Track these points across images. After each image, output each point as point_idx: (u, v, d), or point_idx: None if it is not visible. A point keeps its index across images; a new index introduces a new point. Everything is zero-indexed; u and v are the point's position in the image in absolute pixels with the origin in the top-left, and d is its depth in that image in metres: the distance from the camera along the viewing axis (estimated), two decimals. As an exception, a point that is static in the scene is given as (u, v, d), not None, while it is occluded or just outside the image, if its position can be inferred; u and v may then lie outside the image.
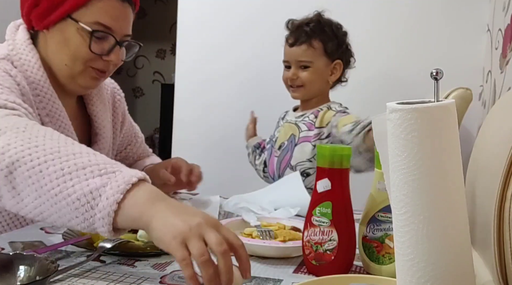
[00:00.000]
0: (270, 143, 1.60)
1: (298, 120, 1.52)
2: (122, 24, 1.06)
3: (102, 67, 1.08)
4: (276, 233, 0.91)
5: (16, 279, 0.66)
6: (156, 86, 5.00)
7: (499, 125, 0.71)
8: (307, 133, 1.48)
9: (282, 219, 1.03)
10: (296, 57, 1.46)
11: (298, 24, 1.48)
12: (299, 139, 1.49)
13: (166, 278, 0.74)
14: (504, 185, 0.60)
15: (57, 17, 1.02)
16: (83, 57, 1.04)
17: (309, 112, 1.51)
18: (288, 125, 1.54)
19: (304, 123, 1.50)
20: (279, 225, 0.97)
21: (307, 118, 1.50)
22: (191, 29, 2.16)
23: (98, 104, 1.18)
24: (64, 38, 1.04)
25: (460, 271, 0.52)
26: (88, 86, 1.10)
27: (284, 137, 1.52)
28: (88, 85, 1.10)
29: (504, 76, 1.37)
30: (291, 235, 0.90)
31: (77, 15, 1.02)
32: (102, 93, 1.20)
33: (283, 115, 1.63)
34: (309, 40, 1.45)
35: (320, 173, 0.79)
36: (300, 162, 1.47)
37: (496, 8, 1.65)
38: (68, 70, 1.06)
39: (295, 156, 1.48)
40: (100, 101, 1.19)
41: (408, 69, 1.89)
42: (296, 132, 1.50)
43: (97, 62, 1.06)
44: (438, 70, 0.54)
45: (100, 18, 1.02)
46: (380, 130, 0.59)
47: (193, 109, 2.17)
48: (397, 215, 0.54)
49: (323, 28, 1.47)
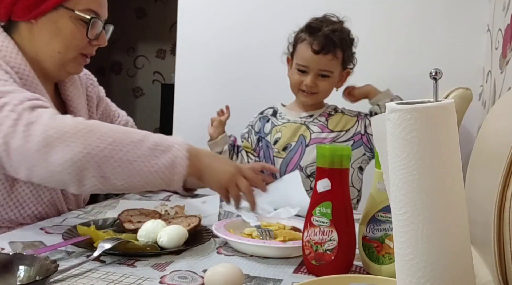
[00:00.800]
0: (263, 143, 1.55)
1: (308, 122, 1.50)
2: (104, 9, 1.14)
3: (91, 52, 1.15)
4: (276, 233, 0.92)
5: (16, 279, 0.66)
6: (156, 86, 5.00)
7: (499, 125, 0.71)
8: (320, 135, 1.47)
9: (282, 219, 1.03)
10: (319, 65, 1.44)
11: (326, 34, 1.43)
12: (311, 140, 1.48)
13: (166, 278, 0.74)
14: (504, 185, 0.60)
15: (48, 7, 1.07)
16: (77, 44, 1.11)
17: (317, 114, 1.51)
18: (293, 126, 1.52)
19: (315, 125, 1.49)
20: (279, 225, 0.97)
21: (317, 120, 1.49)
22: (191, 29, 2.16)
23: (71, 89, 1.22)
24: (57, 27, 1.08)
25: (460, 271, 0.52)
26: (75, 71, 1.18)
27: (290, 138, 1.50)
28: (75, 70, 1.17)
29: (504, 76, 1.37)
30: (291, 235, 0.91)
31: (69, 4, 1.07)
32: (74, 78, 1.24)
33: (271, 112, 1.59)
34: (335, 50, 1.44)
35: (320, 173, 0.79)
36: (311, 163, 1.46)
37: (496, 8, 1.65)
38: (60, 57, 1.11)
39: (306, 157, 1.47)
40: (73, 86, 1.23)
41: (408, 69, 1.89)
42: (307, 134, 1.49)
43: (87, 47, 1.13)
44: (437, 70, 0.54)
45: (91, 5, 1.10)
46: (380, 130, 0.59)
47: (193, 109, 2.17)
48: (397, 215, 0.54)
49: (345, 37, 1.47)
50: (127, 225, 0.95)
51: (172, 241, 0.86)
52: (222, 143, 1.54)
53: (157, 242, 0.86)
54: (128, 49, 5.01)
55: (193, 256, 0.85)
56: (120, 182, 0.93)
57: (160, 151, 0.96)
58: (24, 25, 1.09)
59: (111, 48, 4.89)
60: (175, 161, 0.97)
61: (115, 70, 5.10)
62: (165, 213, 1.07)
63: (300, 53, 1.47)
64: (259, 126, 1.58)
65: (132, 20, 4.94)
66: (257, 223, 0.98)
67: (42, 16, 1.07)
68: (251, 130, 1.60)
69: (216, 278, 0.69)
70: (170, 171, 0.96)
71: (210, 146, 1.56)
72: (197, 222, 0.95)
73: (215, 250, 0.89)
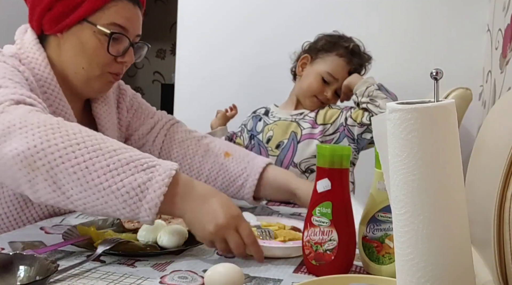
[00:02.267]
0: (255, 142, 1.58)
1: (298, 118, 1.53)
2: (134, 24, 1.08)
3: (118, 70, 1.09)
4: (276, 233, 0.92)
5: (16, 279, 0.66)
6: (156, 86, 5.00)
7: (499, 125, 0.72)
8: (311, 130, 1.50)
9: (282, 219, 1.03)
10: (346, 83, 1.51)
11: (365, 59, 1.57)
12: (302, 136, 1.50)
13: (166, 278, 0.74)
14: (504, 185, 0.60)
15: (72, 21, 1.03)
16: (100, 61, 1.06)
17: (307, 111, 1.54)
18: (284, 123, 1.54)
19: (305, 121, 1.51)
20: (279, 225, 0.97)
21: (308, 117, 1.51)
22: (191, 29, 2.16)
23: (103, 105, 1.18)
24: (80, 42, 1.04)
25: (460, 271, 0.52)
26: (102, 90, 1.12)
27: (282, 136, 1.53)
28: (102, 89, 1.11)
29: (504, 76, 1.37)
30: (291, 235, 0.91)
31: (93, 18, 1.03)
32: (108, 94, 1.20)
33: (263, 111, 1.62)
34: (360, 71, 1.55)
35: (320, 173, 0.79)
36: (305, 159, 1.48)
37: (496, 8, 1.65)
38: (85, 73, 1.06)
39: (299, 153, 1.49)
40: (105, 102, 1.19)
41: (408, 69, 1.89)
42: (298, 130, 1.51)
43: (113, 65, 1.07)
44: (438, 70, 0.54)
45: (116, 19, 1.04)
46: (380, 130, 0.59)
47: (193, 109, 2.17)
48: (397, 215, 0.54)
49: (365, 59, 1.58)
50: (127, 225, 0.95)
51: (172, 241, 0.85)
52: (220, 134, 1.57)
53: (157, 242, 0.86)
54: (128, 49, 5.01)
55: (193, 256, 0.85)
56: (76, 194, 0.78)
57: (133, 168, 0.78)
58: (53, 39, 1.07)
59: (111, 48, 4.89)
60: (147, 183, 0.78)
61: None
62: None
63: (334, 65, 1.52)
64: (251, 125, 1.62)
65: (132, 20, 4.94)
66: (257, 223, 0.97)
67: (67, 30, 1.04)
68: (243, 129, 1.64)
69: (216, 278, 0.69)
70: (139, 195, 0.77)
71: None
72: (197, 222, 0.95)
73: (215, 250, 0.89)
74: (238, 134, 1.65)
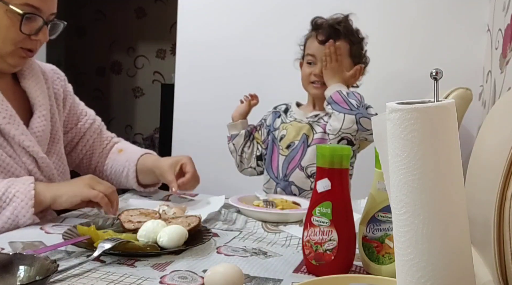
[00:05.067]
0: (270, 138, 1.57)
1: (312, 121, 1.50)
2: (49, 3, 1.11)
3: (31, 47, 1.13)
4: (277, 204, 1.21)
5: (16, 279, 0.66)
6: (156, 86, 4.99)
7: (499, 126, 0.71)
8: (323, 135, 1.47)
9: (286, 196, 1.33)
10: None
11: (330, 23, 1.49)
12: (313, 140, 1.48)
13: (166, 278, 0.74)
14: (504, 185, 0.60)
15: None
16: (13, 39, 1.09)
17: (323, 114, 1.50)
18: (297, 125, 1.52)
19: (319, 125, 1.49)
20: (282, 200, 1.27)
21: (322, 120, 1.49)
22: (191, 29, 2.16)
23: (30, 78, 1.22)
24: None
25: (460, 271, 0.52)
26: (17, 65, 1.16)
27: (294, 137, 1.50)
28: (17, 64, 1.16)
29: (504, 76, 1.37)
30: (289, 205, 1.22)
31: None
32: (33, 68, 1.24)
33: (283, 108, 1.59)
34: (339, 39, 1.47)
35: (320, 173, 0.79)
36: (312, 164, 1.46)
37: (496, 8, 1.65)
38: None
39: (307, 157, 1.47)
40: (32, 75, 1.23)
41: (408, 69, 1.89)
42: (310, 133, 1.49)
43: (26, 42, 1.12)
44: (437, 70, 0.54)
45: (29, 0, 1.07)
46: (380, 130, 0.59)
47: (193, 109, 2.17)
48: (397, 215, 0.54)
49: (351, 29, 1.51)
50: (127, 225, 0.95)
51: (172, 241, 0.85)
52: (241, 127, 1.59)
53: (157, 242, 0.86)
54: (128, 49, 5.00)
55: (193, 256, 0.85)
56: None
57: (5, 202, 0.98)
58: None
59: (111, 48, 4.89)
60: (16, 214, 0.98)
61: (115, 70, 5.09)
62: (162, 212, 1.07)
63: (308, 46, 1.52)
64: (270, 120, 1.60)
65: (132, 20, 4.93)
66: (265, 197, 1.26)
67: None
68: (263, 123, 1.62)
69: (216, 278, 0.69)
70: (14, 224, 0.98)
71: (229, 127, 1.61)
72: (197, 222, 0.95)
73: (215, 250, 0.89)
74: (257, 128, 1.63)
